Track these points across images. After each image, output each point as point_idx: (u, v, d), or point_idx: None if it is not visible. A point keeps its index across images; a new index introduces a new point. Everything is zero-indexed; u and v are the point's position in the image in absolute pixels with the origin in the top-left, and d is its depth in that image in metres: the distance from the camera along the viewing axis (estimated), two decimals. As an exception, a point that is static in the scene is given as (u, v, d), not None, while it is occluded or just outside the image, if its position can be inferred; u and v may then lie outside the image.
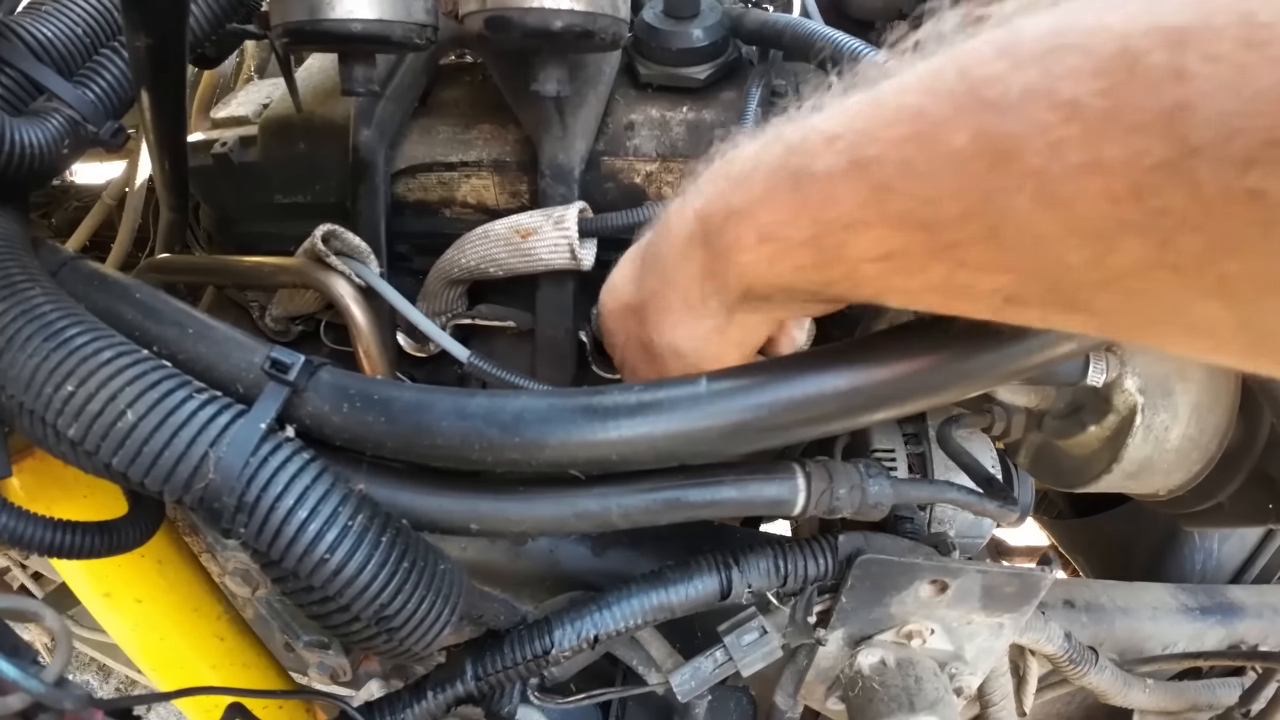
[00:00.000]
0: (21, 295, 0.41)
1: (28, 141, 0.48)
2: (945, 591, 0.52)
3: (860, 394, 0.34)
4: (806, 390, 0.34)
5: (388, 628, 0.38)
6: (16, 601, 0.33)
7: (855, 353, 0.34)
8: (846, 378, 0.34)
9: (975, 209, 0.23)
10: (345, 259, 0.60)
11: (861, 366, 0.34)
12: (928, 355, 0.34)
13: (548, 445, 0.36)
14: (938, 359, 0.34)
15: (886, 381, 0.34)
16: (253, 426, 0.36)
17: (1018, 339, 0.34)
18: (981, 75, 0.22)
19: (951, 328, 0.34)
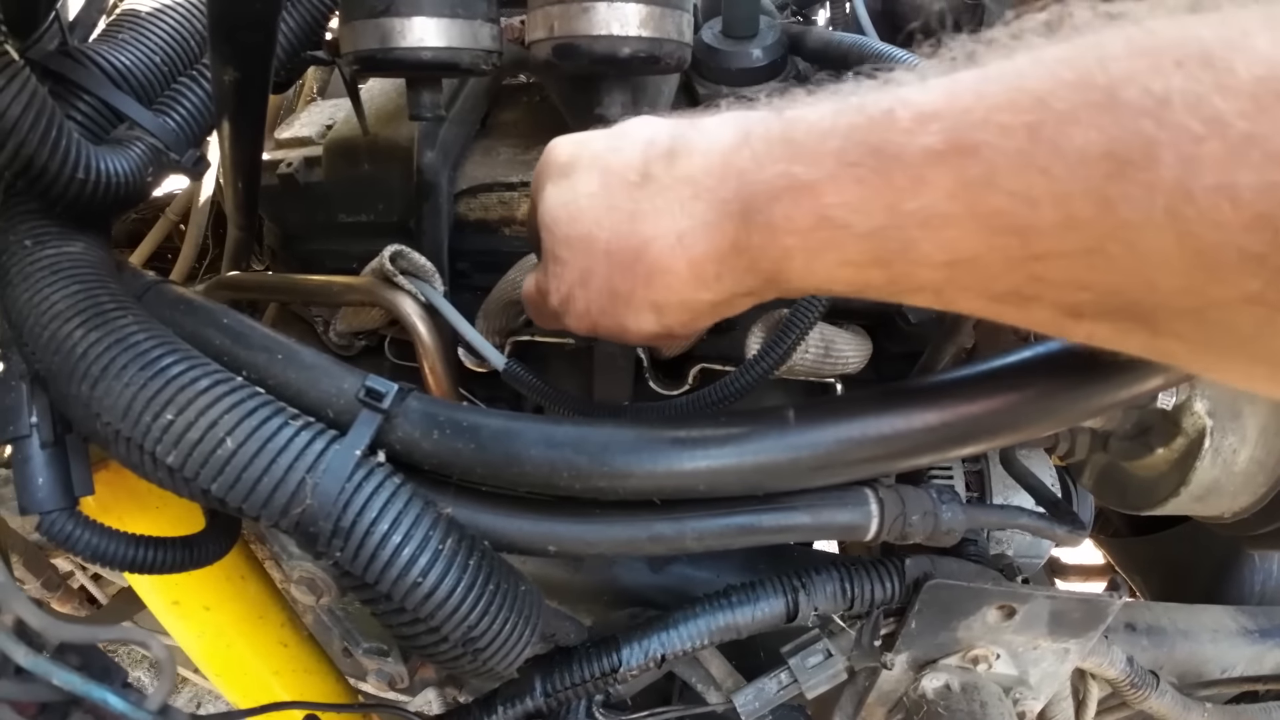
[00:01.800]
0: (114, 324, 0.43)
1: (113, 171, 0.50)
2: (1013, 617, 0.52)
3: (950, 430, 0.34)
4: (896, 425, 0.34)
5: (474, 649, 0.39)
6: (124, 632, 0.34)
7: (945, 389, 0.34)
8: (937, 414, 0.34)
9: (1083, 218, 0.21)
10: (411, 278, 0.62)
11: (952, 403, 0.34)
12: (1018, 392, 0.34)
13: (635, 474, 0.36)
14: (1028, 396, 0.34)
15: (976, 418, 0.34)
16: (348, 453, 0.37)
17: (1109, 375, 0.34)
18: (1120, 72, 0.20)
19: (1041, 365, 0.34)
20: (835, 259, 0.27)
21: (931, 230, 0.24)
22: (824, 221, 0.26)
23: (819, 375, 0.62)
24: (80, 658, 0.40)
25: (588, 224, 0.34)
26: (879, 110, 0.25)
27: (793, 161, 0.27)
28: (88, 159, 0.48)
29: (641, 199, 0.32)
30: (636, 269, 0.33)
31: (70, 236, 0.49)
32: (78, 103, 0.52)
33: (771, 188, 0.28)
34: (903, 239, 0.25)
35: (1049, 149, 0.21)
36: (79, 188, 0.48)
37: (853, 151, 0.25)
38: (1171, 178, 0.19)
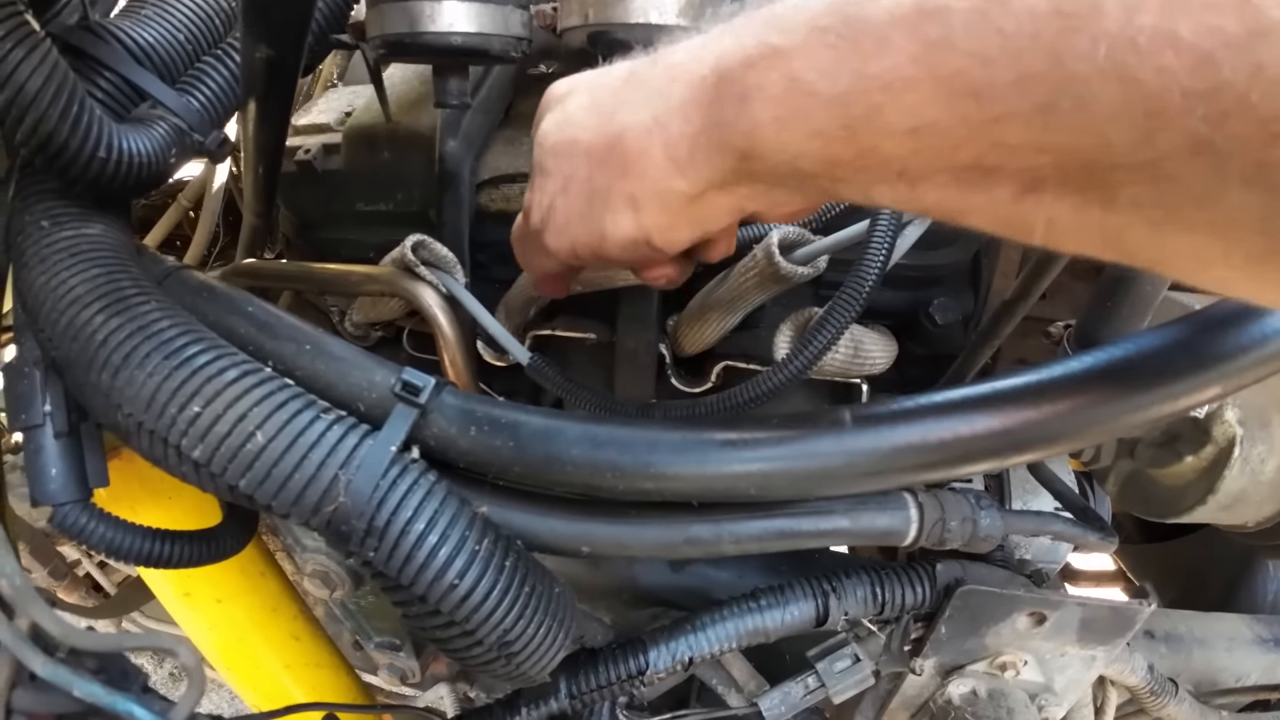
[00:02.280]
0: (136, 310, 0.41)
1: (135, 150, 0.48)
2: (1043, 624, 0.51)
3: (1011, 436, 0.33)
4: (957, 431, 0.33)
5: (508, 653, 0.38)
6: (152, 638, 0.33)
7: (1005, 395, 0.34)
8: (999, 420, 0.33)
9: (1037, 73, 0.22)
10: (432, 269, 0.60)
11: (1012, 410, 0.33)
12: (1077, 399, 0.33)
13: (683, 476, 0.35)
14: (1085, 403, 0.33)
15: (1038, 424, 0.33)
16: (383, 449, 0.36)
17: (1166, 383, 0.33)
18: None
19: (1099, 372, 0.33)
20: (804, 128, 0.28)
21: (894, 95, 0.25)
22: (793, 86, 0.27)
23: (846, 375, 0.61)
24: (97, 661, 0.38)
25: (573, 130, 0.36)
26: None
27: (767, 31, 0.28)
28: (109, 137, 0.46)
29: (623, 94, 0.34)
30: (612, 159, 0.34)
31: (89, 218, 0.47)
32: (98, 79, 0.50)
33: (746, 56, 0.29)
34: (868, 104, 0.25)
35: (1001, 7, 0.22)
36: (100, 167, 0.46)
37: (824, 18, 0.26)
38: (1115, 27, 0.20)
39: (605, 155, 0.34)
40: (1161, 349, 0.33)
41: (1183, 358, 0.33)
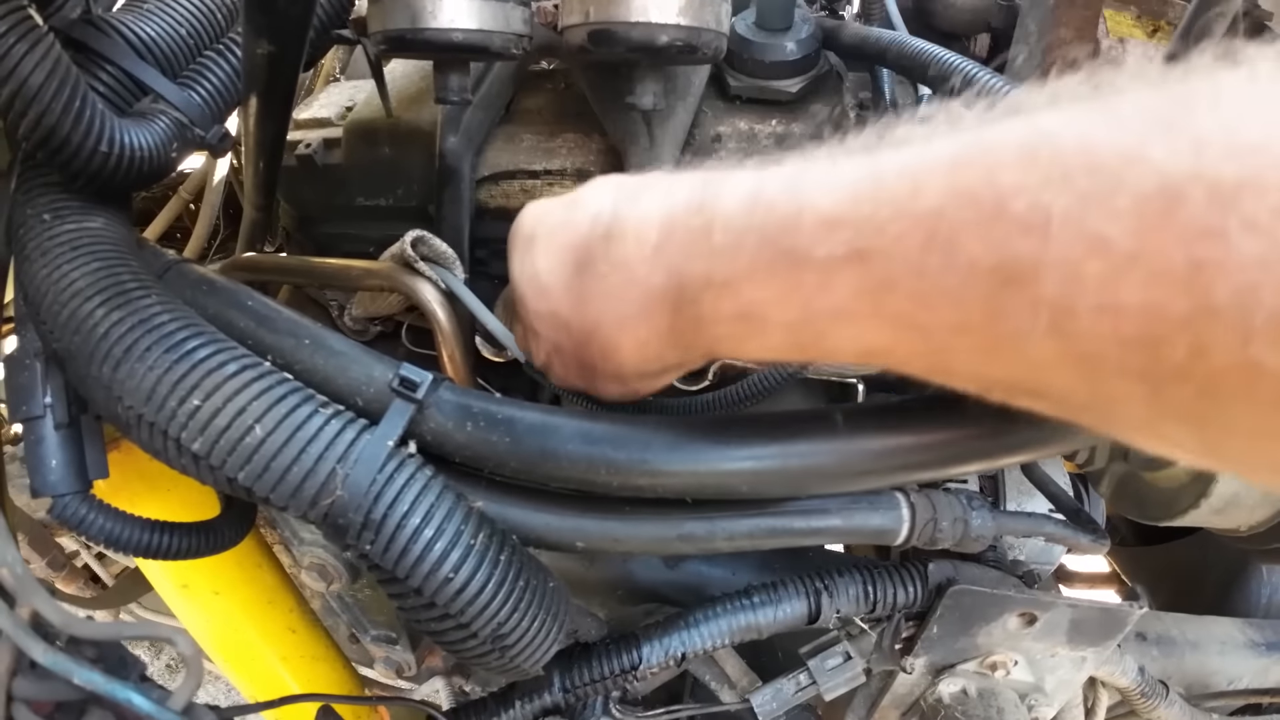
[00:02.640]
0: (136, 303, 0.41)
1: (137, 144, 0.48)
2: (1033, 624, 0.52)
3: (1000, 437, 0.33)
4: (949, 432, 0.33)
5: (502, 645, 0.38)
6: (150, 627, 0.33)
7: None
8: (990, 421, 0.33)
9: (977, 323, 0.22)
10: (432, 264, 0.61)
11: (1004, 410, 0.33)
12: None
13: (677, 473, 0.36)
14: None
15: (1026, 424, 0.33)
16: (380, 443, 0.36)
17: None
18: (1010, 184, 0.21)
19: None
20: (758, 346, 0.29)
21: (842, 324, 0.26)
22: (745, 314, 0.28)
23: (842, 375, 0.61)
24: (96, 649, 0.39)
25: (551, 303, 0.37)
26: (789, 212, 0.26)
27: (713, 259, 0.29)
28: (111, 131, 0.46)
29: (586, 283, 0.35)
30: (592, 348, 0.36)
31: (90, 212, 0.47)
32: (100, 73, 0.51)
33: (697, 282, 0.30)
34: (817, 331, 0.27)
35: (941, 259, 0.22)
36: (101, 161, 0.46)
37: (766, 251, 0.27)
38: (1055, 294, 0.20)
39: (585, 342, 0.36)
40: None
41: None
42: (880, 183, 0.24)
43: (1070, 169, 0.19)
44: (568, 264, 0.36)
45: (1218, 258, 0.17)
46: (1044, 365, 0.21)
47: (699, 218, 0.30)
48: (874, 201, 0.24)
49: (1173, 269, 0.18)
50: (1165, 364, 0.19)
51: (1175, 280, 0.18)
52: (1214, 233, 0.17)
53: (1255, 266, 0.17)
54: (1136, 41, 0.69)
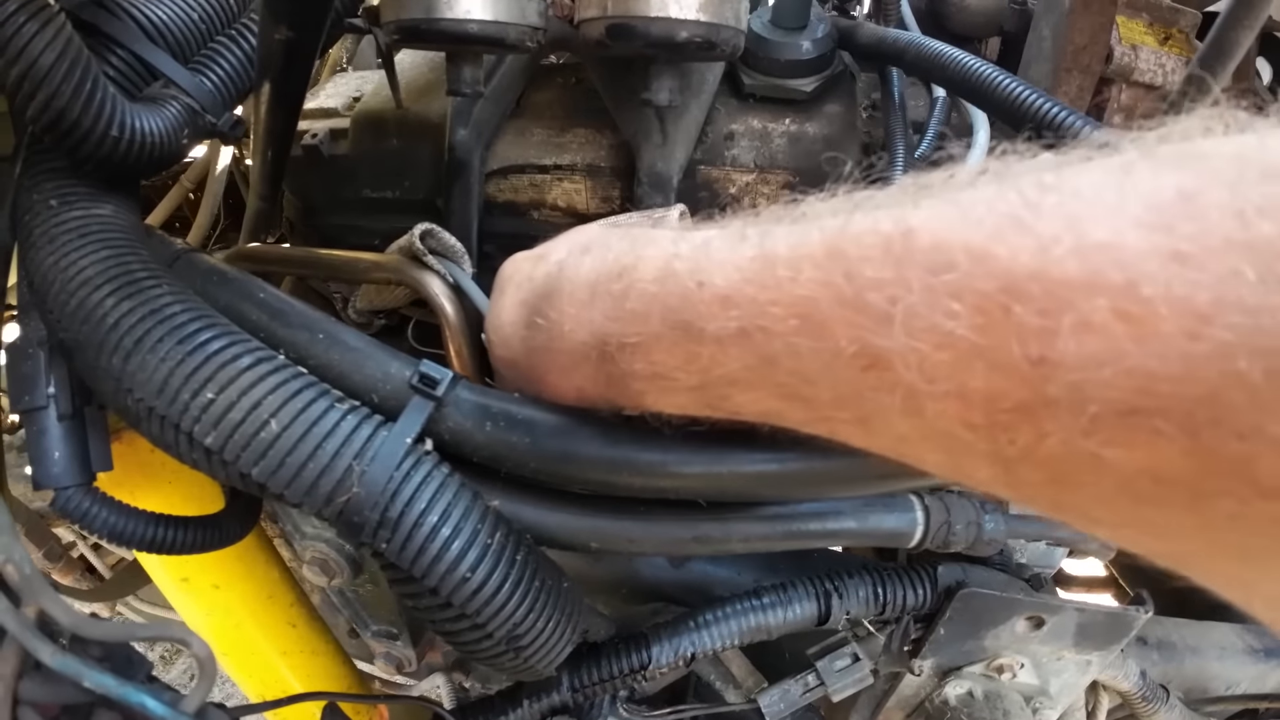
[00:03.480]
0: (147, 294, 0.41)
1: (148, 130, 0.47)
2: (1041, 627, 0.52)
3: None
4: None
5: (517, 646, 0.38)
6: (161, 627, 0.33)
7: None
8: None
9: (849, 400, 0.24)
10: (439, 258, 0.60)
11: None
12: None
13: (700, 475, 0.35)
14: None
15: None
16: (398, 441, 0.36)
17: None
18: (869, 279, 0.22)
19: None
20: (675, 402, 0.32)
21: (739, 390, 0.28)
22: (658, 375, 0.31)
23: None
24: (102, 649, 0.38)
25: (509, 351, 0.41)
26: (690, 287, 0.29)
27: (626, 323, 0.32)
28: (122, 116, 0.45)
29: (532, 336, 0.39)
30: (544, 393, 0.39)
31: (99, 198, 0.46)
32: (110, 57, 0.50)
33: (613, 342, 0.33)
34: (719, 394, 0.29)
35: (812, 342, 0.24)
36: (112, 146, 0.45)
37: (669, 321, 0.30)
38: (908, 380, 0.21)
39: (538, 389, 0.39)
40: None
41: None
42: (768, 265, 0.26)
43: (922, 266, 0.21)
44: (521, 318, 0.40)
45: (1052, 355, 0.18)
46: (910, 441, 0.23)
47: (619, 283, 0.33)
48: (760, 284, 0.26)
49: (1012, 363, 0.19)
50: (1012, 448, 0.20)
51: (1015, 373, 0.19)
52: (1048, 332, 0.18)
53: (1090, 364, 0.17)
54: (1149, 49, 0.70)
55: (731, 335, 0.27)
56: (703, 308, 0.28)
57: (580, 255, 0.37)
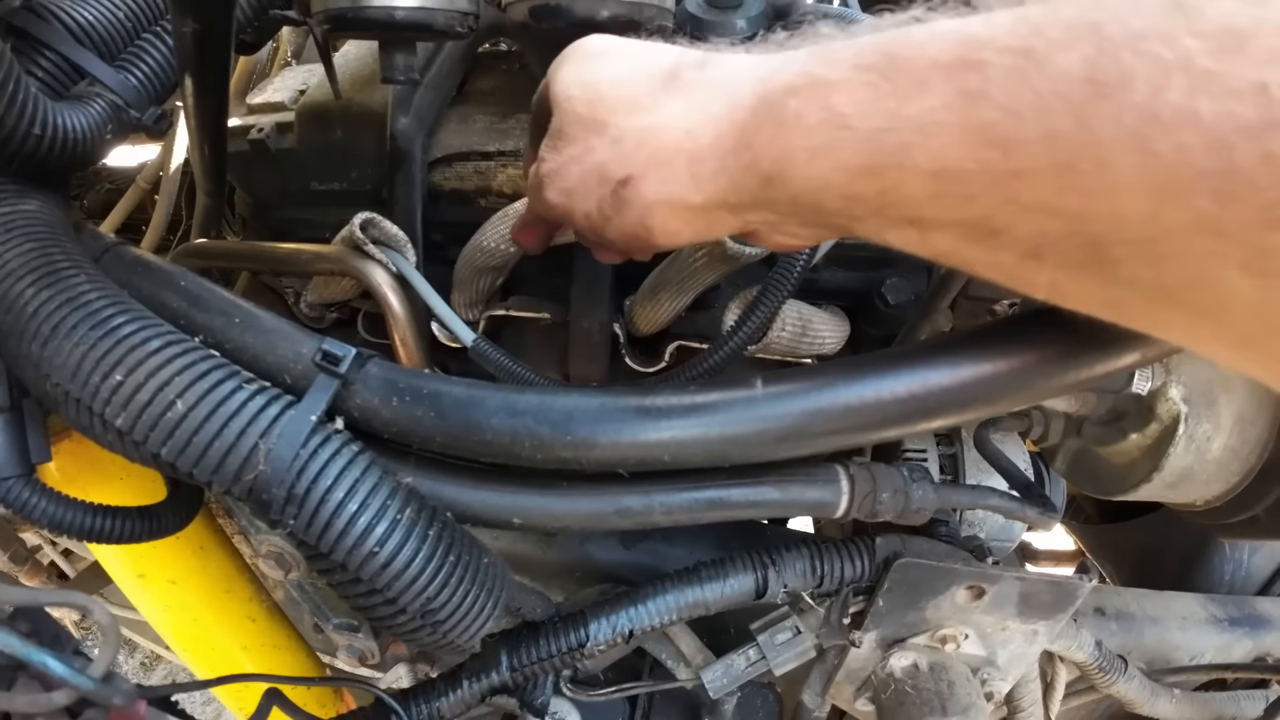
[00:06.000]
0: (66, 282, 0.41)
1: (70, 126, 0.48)
2: (982, 597, 0.52)
3: (917, 401, 0.33)
4: (864, 396, 0.33)
5: (433, 621, 0.38)
6: (63, 594, 0.33)
7: (913, 360, 0.34)
8: (905, 384, 0.33)
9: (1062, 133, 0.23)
10: (382, 248, 0.60)
11: (919, 374, 0.33)
12: (987, 364, 0.33)
13: (599, 444, 0.35)
14: (999, 368, 0.33)
15: (945, 390, 0.33)
16: (303, 418, 0.36)
17: (1084, 350, 0.33)
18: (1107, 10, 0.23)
19: (1008, 339, 0.33)
20: (832, 162, 0.29)
21: (925, 136, 0.26)
22: (830, 119, 0.28)
23: (795, 355, 0.61)
24: (30, 624, 0.38)
25: (604, 110, 0.36)
26: (898, 26, 0.28)
27: (812, 62, 0.29)
28: (44, 115, 0.46)
29: (664, 96, 0.34)
30: (637, 157, 0.34)
31: (26, 194, 0.47)
32: (39, 59, 0.51)
33: (789, 85, 0.30)
34: (898, 143, 0.26)
35: (1038, 69, 0.23)
36: (35, 144, 0.46)
37: (868, 56, 0.27)
38: (1141, 100, 0.22)
39: (631, 151, 0.34)
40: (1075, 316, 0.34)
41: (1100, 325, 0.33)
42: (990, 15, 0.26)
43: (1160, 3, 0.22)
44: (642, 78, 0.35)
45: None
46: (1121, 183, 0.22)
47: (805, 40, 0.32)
48: (983, 23, 0.26)
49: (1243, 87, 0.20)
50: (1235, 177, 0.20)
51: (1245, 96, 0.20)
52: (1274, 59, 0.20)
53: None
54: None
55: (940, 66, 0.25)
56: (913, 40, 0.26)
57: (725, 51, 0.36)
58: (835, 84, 0.28)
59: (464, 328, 0.56)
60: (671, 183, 0.33)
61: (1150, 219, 0.22)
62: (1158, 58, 0.21)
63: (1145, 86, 0.21)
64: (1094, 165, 0.23)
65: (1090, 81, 0.22)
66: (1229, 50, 0.21)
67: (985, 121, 0.24)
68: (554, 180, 0.38)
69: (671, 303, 0.61)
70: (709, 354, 0.52)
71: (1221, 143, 0.20)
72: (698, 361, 0.53)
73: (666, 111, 0.34)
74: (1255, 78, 0.20)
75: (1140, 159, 0.22)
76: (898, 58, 0.27)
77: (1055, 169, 0.23)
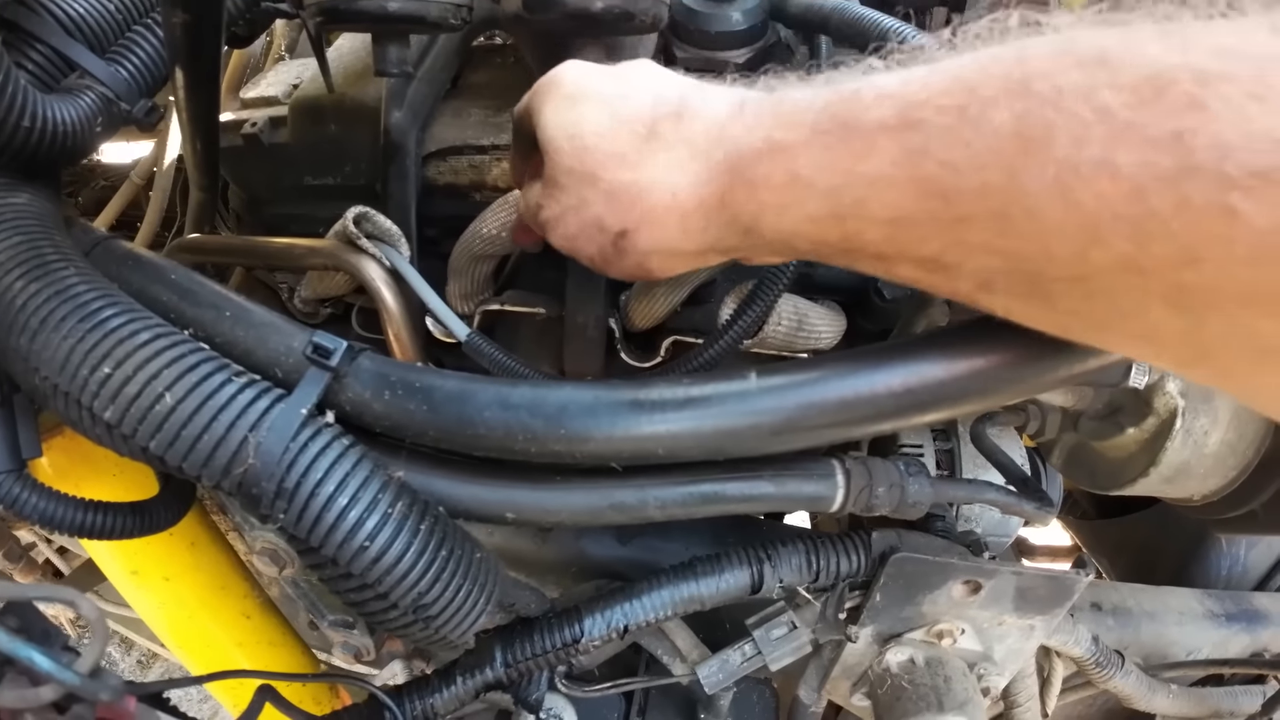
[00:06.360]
0: (55, 275, 0.41)
1: (60, 119, 0.48)
2: (978, 592, 0.51)
3: (913, 395, 0.33)
4: (858, 389, 0.33)
5: (425, 616, 0.38)
6: (51, 589, 0.33)
7: (908, 353, 0.34)
8: (899, 378, 0.33)
9: (995, 185, 0.25)
10: (376, 242, 0.60)
11: (914, 367, 0.33)
12: (982, 358, 0.33)
13: (592, 438, 0.35)
14: (995, 362, 0.33)
15: (939, 383, 0.33)
16: (293, 411, 0.36)
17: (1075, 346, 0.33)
18: (1035, 68, 0.25)
19: (1003, 333, 0.33)
20: (800, 214, 0.32)
21: (877, 190, 0.29)
22: (794, 179, 0.31)
23: (791, 349, 0.61)
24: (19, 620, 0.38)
25: (593, 163, 0.38)
26: (849, 90, 0.31)
27: (775, 129, 0.32)
28: (34, 107, 0.46)
29: (646, 153, 0.37)
30: (631, 213, 0.37)
31: (14, 187, 0.47)
32: (30, 52, 0.50)
33: (756, 150, 0.33)
34: (855, 197, 0.29)
35: (972, 126, 0.26)
36: (24, 136, 0.45)
37: (824, 122, 0.31)
38: (1063, 156, 0.23)
39: (625, 207, 0.37)
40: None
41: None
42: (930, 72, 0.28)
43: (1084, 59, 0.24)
44: (624, 134, 0.38)
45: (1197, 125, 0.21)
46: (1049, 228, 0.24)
47: (769, 100, 0.34)
48: (922, 83, 0.28)
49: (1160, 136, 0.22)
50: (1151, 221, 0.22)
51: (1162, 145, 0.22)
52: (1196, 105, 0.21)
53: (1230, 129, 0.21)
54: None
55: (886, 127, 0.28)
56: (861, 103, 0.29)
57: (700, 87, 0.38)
58: (796, 148, 0.31)
59: (458, 322, 0.55)
60: (665, 236, 0.37)
61: (1079, 259, 0.24)
62: (1077, 114, 0.23)
63: (1066, 140, 0.23)
64: (1024, 213, 0.25)
65: (1018, 136, 0.24)
66: (1147, 101, 0.22)
67: (927, 175, 0.27)
68: (556, 227, 0.42)
69: (667, 298, 0.60)
70: (704, 348, 0.51)
71: (1138, 190, 0.22)
72: (693, 356, 0.52)
73: (651, 169, 0.37)
74: (1171, 128, 0.21)
75: (1064, 208, 0.24)
76: (848, 121, 0.30)
77: (992, 216, 0.26)
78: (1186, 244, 0.22)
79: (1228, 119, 0.21)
